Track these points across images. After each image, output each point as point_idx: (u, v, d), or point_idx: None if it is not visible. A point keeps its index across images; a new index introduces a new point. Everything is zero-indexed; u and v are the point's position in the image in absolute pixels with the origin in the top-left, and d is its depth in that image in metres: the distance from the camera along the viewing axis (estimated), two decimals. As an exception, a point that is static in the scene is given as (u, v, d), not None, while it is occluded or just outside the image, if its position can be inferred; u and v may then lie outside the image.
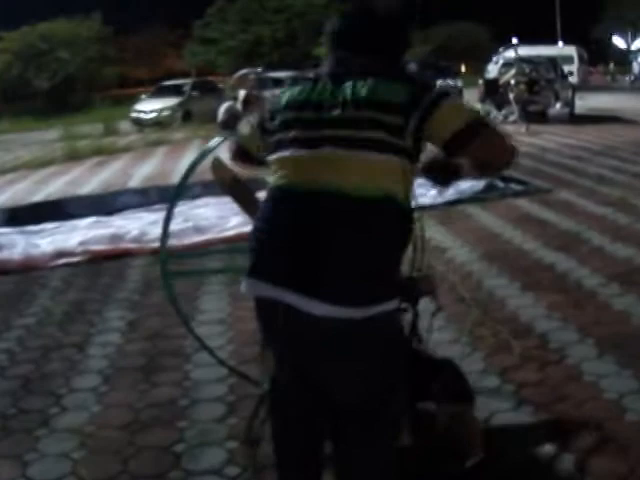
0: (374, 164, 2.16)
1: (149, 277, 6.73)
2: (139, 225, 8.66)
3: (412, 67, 26.35)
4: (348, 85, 2.25)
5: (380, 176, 2.17)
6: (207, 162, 3.84)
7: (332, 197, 2.16)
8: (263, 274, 2.29)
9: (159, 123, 24.89)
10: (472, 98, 23.57)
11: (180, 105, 26.53)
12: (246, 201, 3.91)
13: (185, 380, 4.57)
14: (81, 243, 7.96)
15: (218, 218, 8.62)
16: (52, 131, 24.35)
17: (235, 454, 3.66)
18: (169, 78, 32.27)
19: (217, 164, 4.37)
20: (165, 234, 4.30)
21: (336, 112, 2.22)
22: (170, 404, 4.26)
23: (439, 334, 4.94)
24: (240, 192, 3.89)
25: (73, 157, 17.26)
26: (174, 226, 8.44)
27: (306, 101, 2.31)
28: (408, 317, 3.41)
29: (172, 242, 7.79)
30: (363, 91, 2.21)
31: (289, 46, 42.75)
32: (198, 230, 8.24)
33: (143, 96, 28.56)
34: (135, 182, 12.72)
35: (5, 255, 7.62)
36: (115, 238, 8.17)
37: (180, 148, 18.38)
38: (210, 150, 4.64)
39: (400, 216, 2.23)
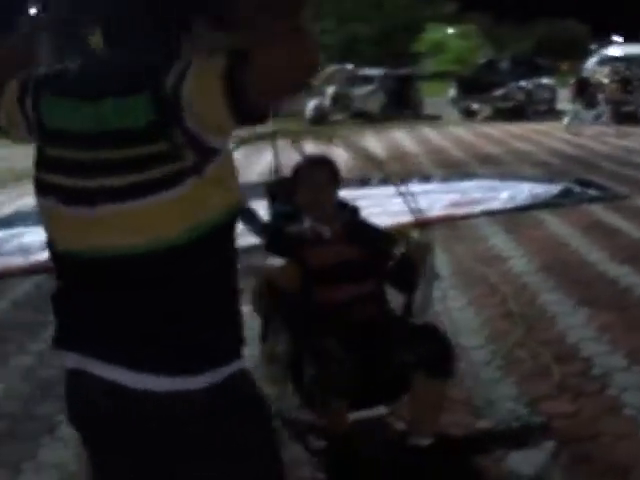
0: (167, 206, 1.58)
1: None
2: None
3: (504, 65, 25.80)
4: (106, 106, 1.59)
5: (177, 218, 1.60)
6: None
7: (131, 260, 1.63)
8: (74, 342, 1.73)
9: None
10: (565, 97, 22.89)
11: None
12: None
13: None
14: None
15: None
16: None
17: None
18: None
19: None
20: None
21: (103, 152, 1.59)
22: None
23: (475, 354, 4.65)
24: None
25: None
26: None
27: (76, 133, 1.63)
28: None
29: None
30: (128, 117, 1.57)
31: (386, 43, 42.31)
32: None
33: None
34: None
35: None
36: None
37: (264, 145, 18.27)
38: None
39: (215, 249, 1.68)
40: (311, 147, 4.95)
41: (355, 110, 24.15)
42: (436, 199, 9.18)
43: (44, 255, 7.41)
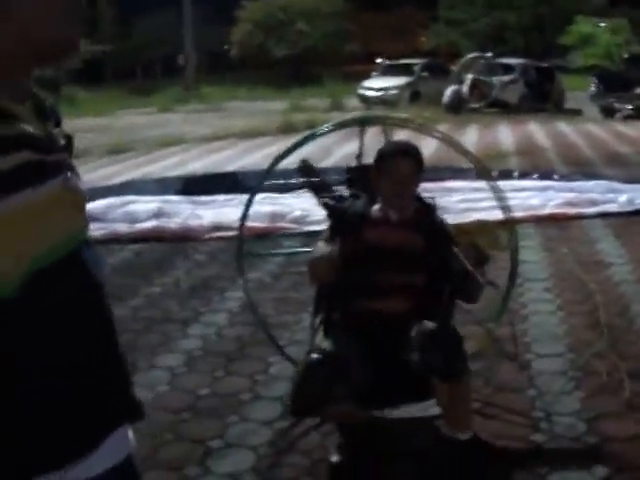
0: None
1: (290, 260, 6.58)
2: (306, 205, 8.52)
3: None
4: None
5: None
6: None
7: None
8: None
9: (385, 102, 24.78)
10: None
11: (409, 85, 26.37)
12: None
13: (260, 373, 4.39)
14: (239, 218, 7.96)
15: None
16: (281, 102, 24.97)
17: (262, 461, 3.46)
18: (417, 56, 32.49)
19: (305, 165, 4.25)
20: (244, 217, 4.29)
21: None
22: (232, 396, 4.11)
23: (550, 362, 4.48)
24: None
25: (287, 130, 17.52)
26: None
27: None
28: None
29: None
30: None
31: (535, 33, 41.12)
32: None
33: (373, 73, 28.66)
34: (332, 160, 12.58)
35: (164, 223, 7.79)
36: (275, 216, 8.12)
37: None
38: (314, 136, 4.46)
39: None
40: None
41: (493, 99, 23.67)
42: (552, 196, 8.95)
43: (148, 224, 7.76)
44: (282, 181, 6.96)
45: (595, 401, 3.97)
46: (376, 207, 3.43)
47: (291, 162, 4.24)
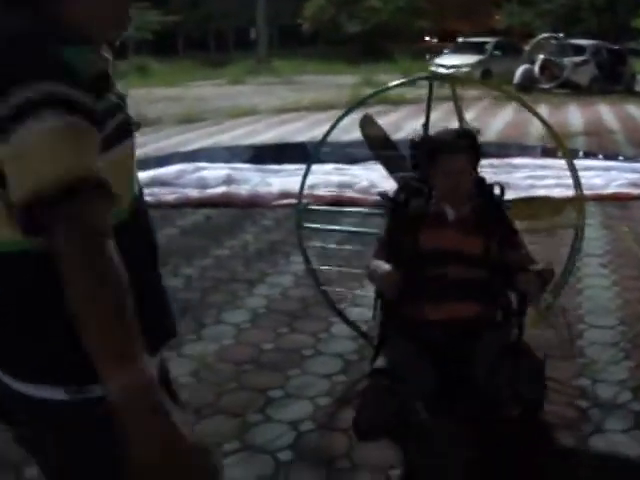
0: None
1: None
2: (374, 176, 8.70)
3: None
4: None
5: None
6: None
7: None
8: None
9: (455, 79, 24.66)
10: None
11: (480, 63, 26.21)
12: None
13: (322, 332, 4.62)
14: (308, 186, 8.18)
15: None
16: (352, 76, 25.04)
17: (320, 410, 3.68)
18: (489, 35, 32.22)
19: (366, 120, 4.39)
20: (302, 188, 4.45)
21: None
22: (294, 351, 4.34)
23: (601, 332, 4.62)
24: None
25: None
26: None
27: None
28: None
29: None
30: None
31: (609, 15, 40.30)
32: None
33: (446, 50, 28.58)
34: (402, 134, 12.66)
35: (234, 189, 8.07)
36: (343, 186, 8.33)
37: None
38: (384, 90, 4.64)
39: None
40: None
41: (564, 80, 23.38)
42: (615, 177, 8.98)
43: (218, 190, 8.04)
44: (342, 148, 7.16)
45: (642, 372, 4.10)
46: (433, 203, 3.32)
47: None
